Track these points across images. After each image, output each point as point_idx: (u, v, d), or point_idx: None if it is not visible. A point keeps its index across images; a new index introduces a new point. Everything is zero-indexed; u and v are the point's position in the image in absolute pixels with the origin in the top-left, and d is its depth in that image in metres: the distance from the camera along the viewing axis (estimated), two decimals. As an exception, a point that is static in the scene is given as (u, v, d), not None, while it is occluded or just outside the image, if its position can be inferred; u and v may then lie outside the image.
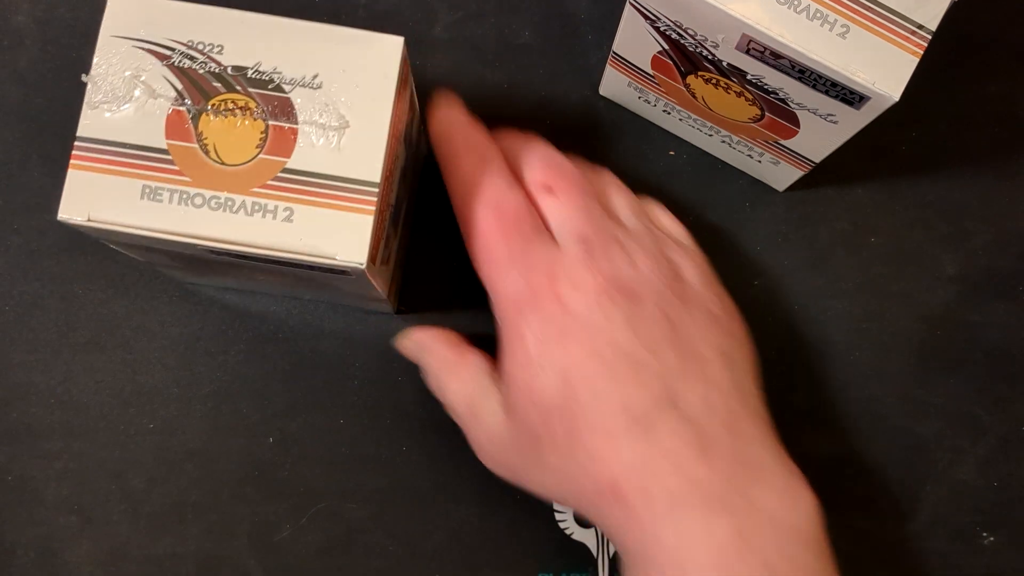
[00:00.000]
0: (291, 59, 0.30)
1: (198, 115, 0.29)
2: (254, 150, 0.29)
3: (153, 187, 0.29)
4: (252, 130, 0.29)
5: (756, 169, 0.39)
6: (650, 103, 0.39)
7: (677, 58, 0.34)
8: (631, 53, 0.36)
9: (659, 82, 0.36)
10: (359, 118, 0.30)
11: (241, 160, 0.29)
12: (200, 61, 0.29)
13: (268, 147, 0.29)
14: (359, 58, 0.30)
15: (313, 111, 0.29)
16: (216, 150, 0.29)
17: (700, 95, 0.35)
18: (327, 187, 0.29)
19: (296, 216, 0.29)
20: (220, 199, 0.29)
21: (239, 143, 0.29)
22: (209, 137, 0.29)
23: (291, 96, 0.29)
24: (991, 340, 0.40)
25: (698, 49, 0.32)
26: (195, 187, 0.29)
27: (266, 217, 0.29)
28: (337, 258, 0.29)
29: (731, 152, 0.39)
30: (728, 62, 0.31)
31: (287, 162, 0.29)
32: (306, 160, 0.29)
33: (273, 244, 0.29)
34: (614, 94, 0.40)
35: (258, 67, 0.30)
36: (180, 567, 0.38)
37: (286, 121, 0.29)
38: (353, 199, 0.29)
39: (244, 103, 0.29)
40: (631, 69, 0.37)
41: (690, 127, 0.39)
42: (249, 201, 0.29)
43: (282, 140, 0.29)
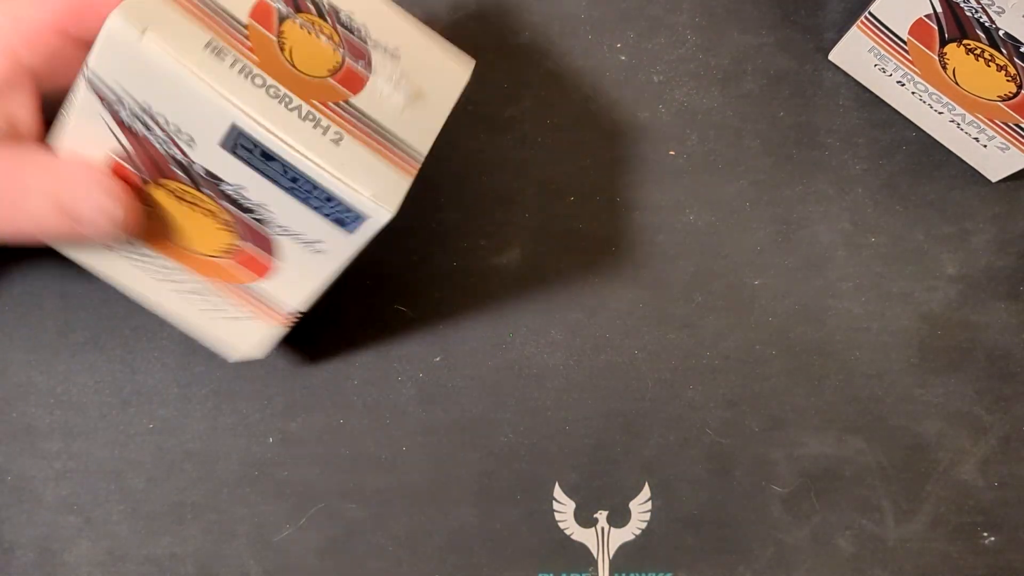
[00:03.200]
0: (380, 25, 0.30)
1: (284, 17, 0.29)
2: (326, 71, 0.29)
3: (220, 46, 0.27)
4: (329, 55, 0.29)
5: (976, 154, 0.39)
6: (886, 72, 0.38)
7: (947, 23, 0.33)
8: (890, 16, 0.35)
9: (910, 49, 0.36)
10: (422, 100, 0.30)
11: (312, 72, 0.28)
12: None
13: (339, 77, 0.29)
14: (438, 58, 0.31)
15: (386, 72, 0.30)
16: (292, 53, 0.28)
17: (953, 66, 0.35)
18: (381, 135, 0.29)
19: (344, 143, 0.28)
20: (280, 91, 0.27)
21: (315, 58, 0.29)
22: (289, 39, 0.28)
23: (371, 52, 0.30)
24: (991, 340, 0.40)
25: (976, 14, 0.31)
26: (261, 68, 0.27)
27: (316, 129, 0.28)
28: (368, 197, 0.28)
29: (955, 133, 0.38)
30: (1006, 31, 0.31)
31: (352, 97, 0.29)
32: (369, 103, 0.29)
33: (315, 155, 0.27)
34: (845, 60, 0.39)
35: (350, 14, 0.30)
36: (180, 567, 0.38)
37: (362, 67, 0.29)
38: (400, 157, 0.29)
39: (331, 33, 0.29)
40: (883, 33, 0.36)
41: (920, 102, 0.38)
42: (306, 107, 0.28)
43: (353, 79, 0.29)
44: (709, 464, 0.39)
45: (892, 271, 0.40)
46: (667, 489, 0.39)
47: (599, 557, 0.38)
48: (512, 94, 0.40)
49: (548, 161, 0.40)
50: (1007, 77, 0.33)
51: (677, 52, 0.41)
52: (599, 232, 0.40)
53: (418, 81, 0.30)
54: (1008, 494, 0.39)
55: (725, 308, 0.40)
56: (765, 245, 0.40)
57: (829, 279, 0.40)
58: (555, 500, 0.39)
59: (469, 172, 0.40)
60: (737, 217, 0.40)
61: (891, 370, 0.40)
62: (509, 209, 0.40)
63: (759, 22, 0.41)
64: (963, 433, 0.39)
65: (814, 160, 0.40)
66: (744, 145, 0.40)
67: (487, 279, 0.39)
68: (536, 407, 0.39)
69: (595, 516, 0.39)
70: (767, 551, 0.39)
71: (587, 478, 0.39)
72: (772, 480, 0.39)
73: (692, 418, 0.39)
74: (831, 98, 0.40)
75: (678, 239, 0.40)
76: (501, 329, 0.39)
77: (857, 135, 0.40)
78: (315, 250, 0.31)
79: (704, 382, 0.39)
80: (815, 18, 0.41)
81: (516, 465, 0.39)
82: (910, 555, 0.39)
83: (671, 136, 0.40)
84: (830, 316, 0.40)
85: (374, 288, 0.39)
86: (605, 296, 0.39)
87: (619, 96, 0.40)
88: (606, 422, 0.39)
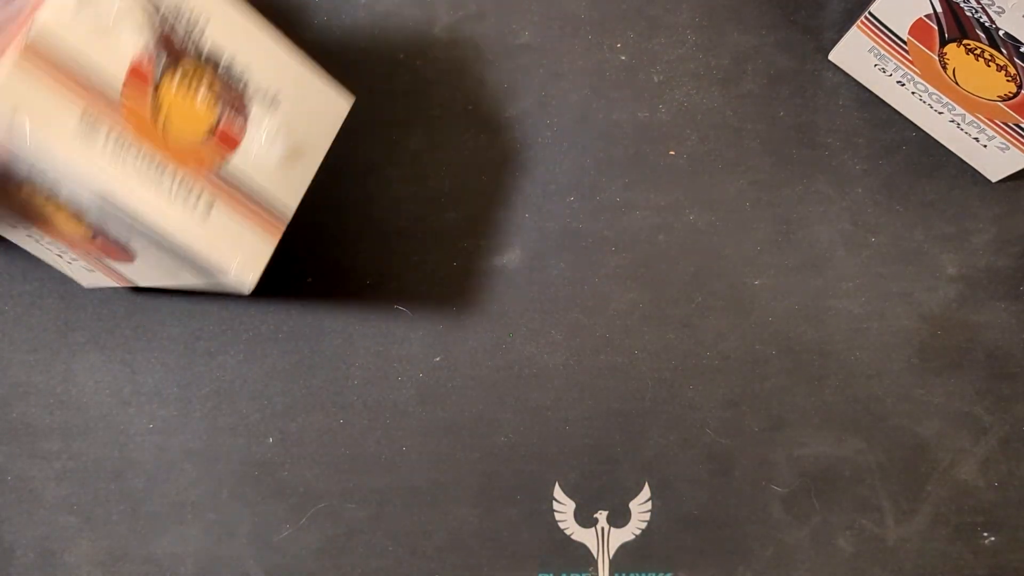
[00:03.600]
0: (263, 70, 0.30)
1: (165, 69, 0.28)
2: (202, 133, 0.29)
3: (93, 119, 0.27)
4: (207, 114, 0.29)
5: (976, 154, 0.39)
6: (886, 72, 0.38)
7: (947, 23, 0.33)
8: (890, 16, 0.35)
9: (910, 49, 0.36)
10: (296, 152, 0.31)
11: (187, 136, 0.29)
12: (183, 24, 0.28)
13: (216, 137, 0.29)
14: (316, 96, 0.31)
15: (265, 126, 0.30)
16: (168, 116, 0.28)
17: (952, 67, 0.35)
18: (252, 197, 0.30)
19: (214, 212, 0.29)
20: (154, 160, 0.28)
21: (191, 120, 0.29)
22: (165, 100, 0.28)
23: (251, 104, 0.30)
24: (991, 340, 0.40)
25: (976, 14, 0.31)
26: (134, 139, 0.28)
27: (188, 201, 0.28)
28: (231, 275, 0.29)
29: (955, 133, 0.38)
30: (1006, 31, 0.31)
31: (228, 156, 0.29)
32: (241, 165, 0.29)
33: (182, 235, 0.28)
34: (845, 60, 0.39)
35: (232, 60, 0.29)
36: (180, 567, 0.38)
37: (240, 122, 0.30)
38: (266, 218, 0.30)
39: (210, 81, 0.29)
40: (883, 33, 0.36)
41: (920, 102, 0.38)
42: (180, 174, 0.28)
43: (231, 135, 0.29)
44: (709, 464, 0.39)
45: (892, 271, 0.40)
46: (667, 489, 0.39)
47: (599, 557, 0.38)
48: (512, 94, 0.40)
49: (548, 161, 0.40)
50: (1007, 77, 0.33)
51: (677, 52, 0.41)
52: (599, 232, 0.40)
53: (296, 130, 0.31)
54: (1008, 494, 0.39)
55: (725, 308, 0.40)
56: (765, 245, 0.40)
57: (829, 279, 0.40)
58: (555, 500, 0.39)
59: (469, 172, 0.40)
60: (737, 217, 0.40)
61: (891, 370, 0.40)
62: (509, 209, 0.40)
63: (759, 22, 0.41)
64: (963, 433, 0.39)
65: (814, 160, 0.40)
66: (744, 145, 0.40)
67: (487, 279, 0.39)
68: (536, 407, 0.39)
69: (595, 516, 0.39)
70: (767, 551, 0.39)
71: (587, 478, 0.39)
72: (772, 480, 0.39)
73: (692, 418, 0.39)
74: (831, 98, 0.40)
75: (678, 239, 0.40)
76: (501, 329, 0.39)
77: (857, 135, 0.40)
78: None
79: (704, 382, 0.39)
80: (815, 18, 0.41)
81: (516, 465, 0.39)
82: (910, 555, 0.39)
83: (671, 136, 0.40)
84: (830, 316, 0.40)
85: (374, 288, 0.39)
86: (605, 296, 0.39)
87: (619, 96, 0.40)
88: (606, 422, 0.39)
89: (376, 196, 0.40)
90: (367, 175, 0.40)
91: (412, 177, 0.40)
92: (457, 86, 0.40)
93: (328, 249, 0.39)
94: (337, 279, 0.39)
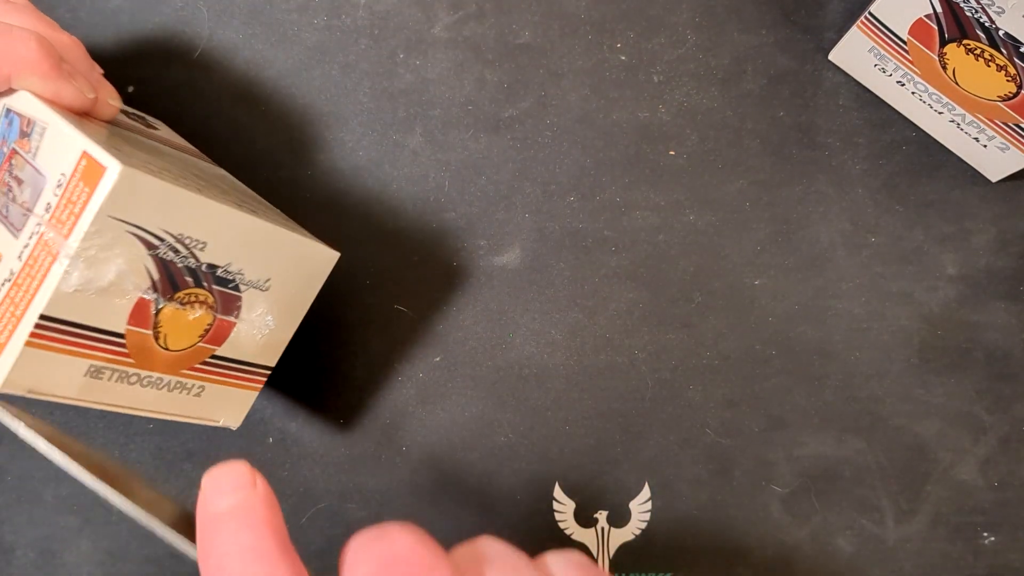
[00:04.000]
0: (256, 262, 0.31)
1: (162, 307, 0.30)
2: (196, 339, 0.31)
3: (98, 367, 0.29)
4: (201, 322, 0.31)
5: (976, 154, 0.39)
6: (886, 72, 0.38)
7: (947, 23, 0.33)
8: (890, 16, 0.35)
9: (910, 49, 0.36)
10: (282, 317, 0.33)
11: (183, 347, 0.31)
12: (182, 255, 0.29)
13: (208, 337, 0.31)
14: (303, 264, 0.33)
15: (254, 310, 0.32)
16: (166, 338, 0.30)
17: (952, 67, 0.35)
18: (237, 370, 0.33)
19: (205, 393, 0.32)
20: (152, 378, 0.31)
21: (186, 332, 0.31)
22: (164, 326, 0.30)
23: (243, 296, 0.31)
24: (991, 340, 0.40)
25: (976, 14, 0.31)
26: (135, 368, 0.30)
27: (182, 393, 0.32)
28: (220, 423, 0.33)
29: (955, 134, 0.38)
30: (1005, 31, 0.31)
31: (217, 350, 0.32)
32: (231, 349, 0.32)
33: (179, 412, 0.32)
34: (845, 60, 0.39)
35: (228, 267, 0.31)
36: (180, 567, 0.38)
37: (232, 317, 0.32)
38: (249, 378, 0.33)
39: (205, 298, 0.30)
40: (883, 33, 0.36)
41: (920, 102, 0.38)
42: (174, 381, 0.31)
43: (221, 332, 0.32)
44: (709, 464, 0.39)
45: (892, 271, 0.40)
46: (667, 489, 0.39)
47: (599, 557, 0.38)
48: (512, 94, 0.40)
49: (548, 161, 0.40)
50: (1007, 77, 0.33)
51: (677, 52, 0.41)
52: (599, 232, 0.40)
53: (284, 303, 0.33)
54: (1008, 494, 0.39)
55: (725, 308, 0.40)
56: (765, 245, 0.40)
57: (829, 279, 0.40)
58: (555, 500, 0.39)
59: (469, 172, 0.40)
60: (737, 217, 0.40)
61: (891, 370, 0.40)
62: (509, 209, 0.40)
63: (759, 22, 0.41)
64: (963, 433, 0.39)
65: (814, 160, 0.40)
66: (744, 145, 0.40)
67: (487, 279, 0.39)
68: (536, 407, 0.39)
69: (595, 516, 0.39)
70: (767, 551, 0.39)
71: (587, 478, 0.39)
72: (772, 480, 0.39)
73: (692, 418, 0.39)
74: (831, 98, 0.40)
75: (678, 239, 0.40)
76: (501, 329, 0.39)
77: (857, 135, 0.40)
78: None
79: (704, 382, 0.39)
80: (815, 18, 0.41)
81: (516, 465, 0.39)
82: (910, 555, 0.39)
83: (671, 136, 0.40)
84: (830, 316, 0.40)
85: (374, 288, 0.39)
86: (605, 296, 0.39)
87: (619, 96, 0.40)
88: (606, 422, 0.39)
89: (376, 196, 0.40)
90: (367, 175, 0.40)
91: (412, 177, 0.40)
92: (457, 86, 0.40)
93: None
94: (337, 279, 0.39)
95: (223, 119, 0.39)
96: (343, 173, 0.39)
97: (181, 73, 0.39)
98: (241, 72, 0.40)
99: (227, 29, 0.40)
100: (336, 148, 0.40)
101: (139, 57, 0.39)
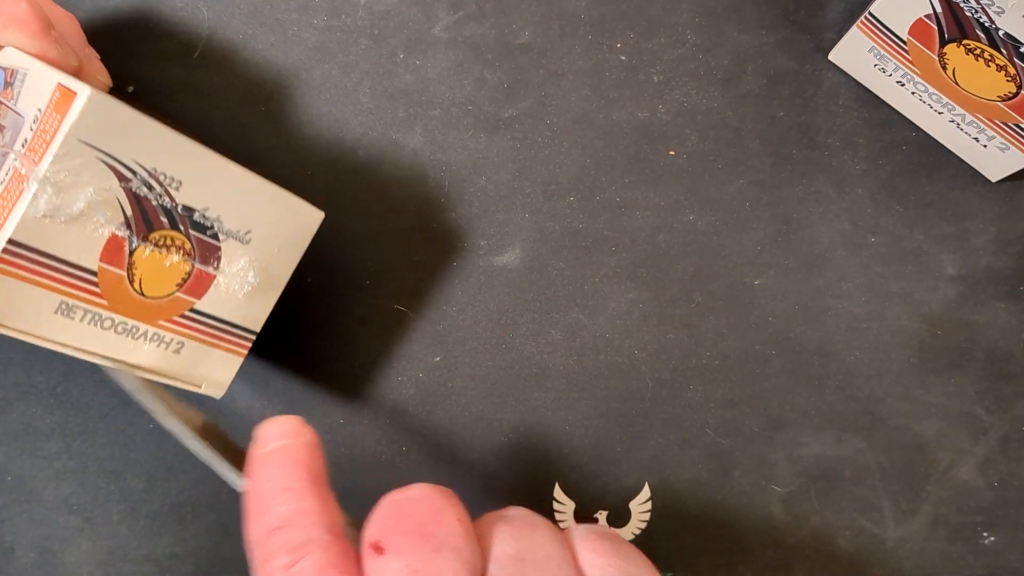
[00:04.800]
0: (236, 211, 0.31)
1: (136, 246, 0.29)
2: (174, 287, 0.30)
3: (70, 304, 0.28)
4: (178, 269, 0.30)
5: (976, 154, 0.39)
6: (886, 72, 0.38)
7: (947, 23, 0.33)
8: (890, 16, 0.35)
9: (909, 49, 0.36)
10: (265, 277, 0.32)
11: (159, 294, 0.30)
12: (157, 192, 0.29)
13: (186, 288, 0.31)
14: (286, 221, 0.32)
15: (235, 263, 0.31)
16: (141, 282, 0.30)
17: (952, 67, 0.35)
18: (219, 329, 0.32)
19: (184, 350, 0.31)
20: (128, 326, 0.30)
21: (163, 279, 0.30)
22: (139, 268, 0.29)
23: (223, 247, 0.31)
24: (991, 340, 0.40)
25: (976, 14, 0.31)
26: (109, 311, 0.29)
27: (160, 347, 0.31)
28: (202, 389, 0.32)
29: (955, 133, 0.38)
30: (1005, 31, 0.31)
31: (196, 303, 0.31)
32: (212, 304, 0.31)
33: (156, 368, 0.31)
34: (845, 60, 0.39)
35: (205, 212, 0.30)
36: (180, 567, 0.38)
37: (212, 268, 0.31)
38: (232, 340, 0.33)
39: (182, 243, 0.30)
40: (882, 33, 0.36)
41: (920, 102, 0.38)
42: (152, 331, 0.30)
43: (200, 284, 0.31)
44: (709, 464, 0.39)
45: (892, 271, 0.40)
46: (667, 489, 0.39)
47: (599, 557, 0.38)
48: (512, 94, 0.40)
49: (548, 161, 0.40)
50: (1007, 77, 0.33)
51: (677, 52, 0.41)
52: (599, 232, 0.40)
53: (266, 260, 0.32)
54: (1008, 494, 0.39)
55: (725, 308, 0.40)
56: (765, 245, 0.40)
57: (829, 279, 0.40)
58: (555, 500, 0.39)
59: (469, 172, 0.40)
60: (737, 217, 0.40)
61: (891, 370, 0.40)
62: (509, 209, 0.40)
63: (759, 22, 0.41)
64: (963, 433, 0.39)
65: (814, 160, 0.40)
66: (744, 145, 0.40)
67: (487, 279, 0.39)
68: (536, 407, 0.39)
69: (595, 516, 0.39)
70: (767, 551, 0.39)
71: (587, 478, 0.39)
72: (772, 480, 0.39)
73: (692, 418, 0.39)
74: (831, 98, 0.40)
75: (678, 239, 0.40)
76: (501, 329, 0.39)
77: (857, 135, 0.40)
78: None
79: (704, 382, 0.39)
80: (815, 18, 0.41)
81: (516, 465, 0.39)
82: (910, 555, 0.39)
83: (671, 136, 0.40)
84: (830, 316, 0.40)
85: (374, 288, 0.39)
86: (605, 296, 0.39)
87: (619, 96, 0.40)
88: (606, 422, 0.39)
89: (376, 196, 0.40)
90: (367, 175, 0.40)
91: (412, 177, 0.40)
92: (457, 86, 0.40)
93: (328, 249, 0.39)
94: (337, 279, 0.39)
95: (223, 119, 0.39)
96: (343, 173, 0.39)
97: (181, 73, 0.39)
98: (241, 72, 0.40)
99: (227, 29, 0.40)
100: (336, 148, 0.40)
101: (139, 57, 0.39)
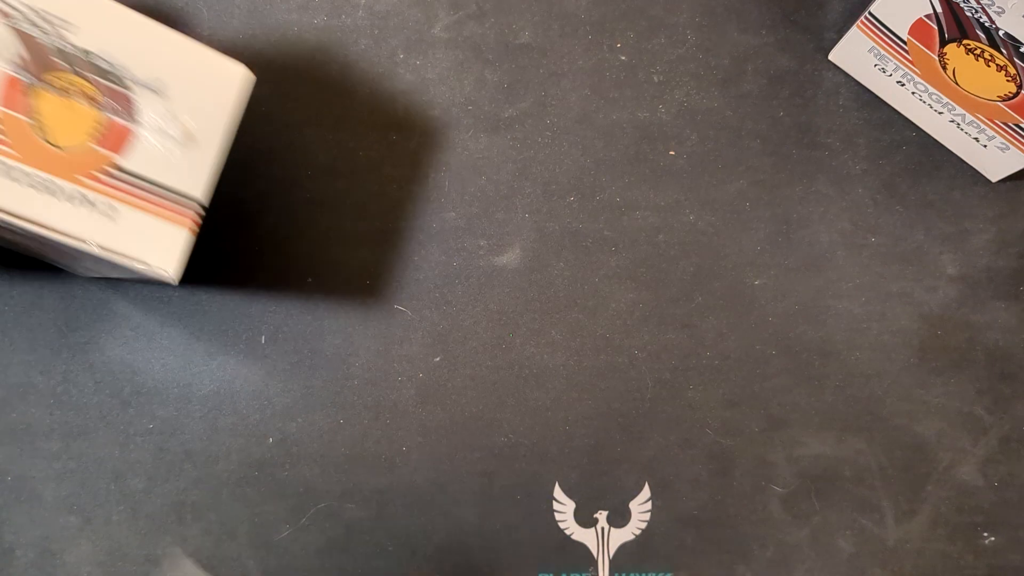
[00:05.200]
0: (142, 59, 0.29)
1: (35, 87, 0.28)
2: (85, 136, 0.28)
3: None
4: (87, 116, 0.28)
5: (976, 154, 0.39)
6: (886, 72, 0.38)
7: (947, 23, 0.33)
8: (890, 16, 0.35)
9: (910, 49, 0.36)
10: (191, 135, 0.30)
11: (71, 143, 0.28)
12: (47, 33, 0.28)
13: (102, 139, 0.29)
14: (204, 75, 0.30)
15: (155, 115, 0.29)
16: (48, 132, 0.28)
17: (952, 67, 0.35)
18: (154, 192, 0.29)
19: (119, 215, 0.29)
20: (46, 181, 0.28)
21: (72, 127, 0.28)
22: (43, 115, 0.28)
23: (133, 96, 0.29)
24: (991, 340, 0.40)
25: (976, 14, 0.32)
26: (20, 162, 0.27)
27: (91, 212, 0.28)
28: (151, 264, 0.29)
29: (955, 134, 0.38)
30: (1005, 31, 0.31)
31: (117, 158, 0.29)
32: (137, 162, 0.29)
33: (93, 239, 0.28)
34: (845, 60, 0.39)
35: (106, 56, 0.28)
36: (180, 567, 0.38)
37: (126, 119, 0.29)
38: (175, 209, 0.30)
39: (86, 88, 0.28)
40: (883, 33, 0.36)
41: (920, 102, 0.38)
42: (75, 189, 0.28)
43: (117, 136, 0.29)
44: (709, 464, 0.39)
45: (892, 271, 0.40)
46: (667, 489, 0.39)
47: (599, 557, 0.38)
48: (512, 94, 0.40)
49: (548, 161, 0.40)
50: (1007, 77, 0.33)
51: (677, 52, 0.41)
52: (599, 232, 0.40)
53: (186, 116, 0.30)
54: (1008, 494, 0.39)
55: (725, 308, 0.40)
56: (765, 245, 0.40)
57: (829, 279, 0.40)
58: (555, 500, 0.39)
59: (469, 172, 0.40)
60: (737, 217, 0.40)
61: (891, 370, 0.40)
62: (509, 209, 0.40)
63: (759, 22, 0.41)
64: (963, 433, 0.39)
65: (814, 160, 0.40)
66: (744, 145, 0.40)
67: (487, 279, 0.39)
68: (536, 407, 0.39)
69: (595, 516, 0.39)
70: (767, 551, 0.39)
71: (587, 478, 0.39)
72: (772, 480, 0.39)
73: (692, 418, 0.39)
74: (831, 98, 0.40)
75: (678, 239, 0.40)
76: (501, 329, 0.39)
77: (857, 135, 0.40)
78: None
79: (704, 382, 0.39)
80: (815, 18, 0.41)
81: (516, 465, 0.39)
82: (910, 555, 0.39)
83: (671, 136, 0.40)
84: (830, 316, 0.40)
85: (374, 288, 0.39)
86: (605, 296, 0.39)
87: (619, 96, 0.40)
88: (606, 422, 0.39)
89: (376, 196, 0.40)
90: (367, 175, 0.40)
91: (412, 177, 0.40)
92: (457, 86, 0.40)
93: (328, 249, 0.39)
94: (337, 279, 0.39)
95: (223, 119, 0.39)
96: (343, 173, 0.39)
97: (181, 73, 0.39)
98: (241, 72, 0.40)
99: (227, 29, 0.40)
100: (336, 148, 0.40)
101: (139, 57, 0.39)
